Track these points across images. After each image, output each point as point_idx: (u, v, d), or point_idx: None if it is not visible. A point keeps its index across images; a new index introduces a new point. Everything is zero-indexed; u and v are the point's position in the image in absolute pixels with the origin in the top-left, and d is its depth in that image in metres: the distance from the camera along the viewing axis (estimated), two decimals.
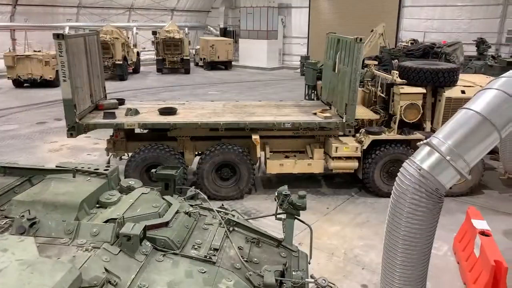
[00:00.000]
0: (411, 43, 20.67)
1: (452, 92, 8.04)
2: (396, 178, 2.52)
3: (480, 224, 5.79)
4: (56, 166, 4.03)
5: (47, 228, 2.99)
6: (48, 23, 26.34)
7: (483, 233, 5.56)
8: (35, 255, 2.47)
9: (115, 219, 3.23)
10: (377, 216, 7.63)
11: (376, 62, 10.23)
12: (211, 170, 8.06)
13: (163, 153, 7.83)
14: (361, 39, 7.46)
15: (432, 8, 26.46)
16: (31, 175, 3.88)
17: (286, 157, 8.43)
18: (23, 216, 3.12)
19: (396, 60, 13.32)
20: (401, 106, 7.98)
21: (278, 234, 4.11)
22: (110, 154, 8.34)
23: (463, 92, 8.01)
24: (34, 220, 2.99)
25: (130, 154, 8.22)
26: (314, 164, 8.22)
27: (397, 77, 8.12)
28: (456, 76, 8.11)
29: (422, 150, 2.43)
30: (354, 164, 8.16)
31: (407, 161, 2.50)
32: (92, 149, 11.24)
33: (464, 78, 8.71)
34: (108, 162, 8.16)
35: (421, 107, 8.04)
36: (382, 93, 8.88)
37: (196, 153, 8.57)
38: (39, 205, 3.38)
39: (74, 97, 7.22)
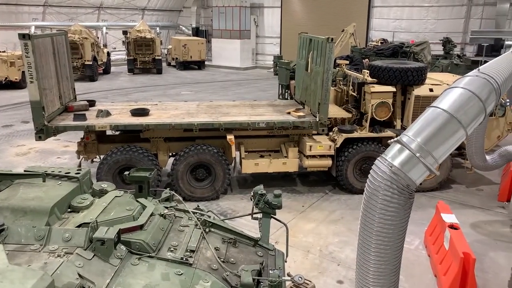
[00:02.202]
0: (380, 42, 21.17)
1: (421, 90, 8.28)
2: (369, 175, 2.59)
3: (449, 217, 6.00)
4: (25, 171, 3.89)
5: (16, 235, 2.89)
6: (13, 22, 25.40)
7: (452, 227, 5.77)
8: (4, 263, 2.39)
9: (88, 223, 3.16)
10: (351, 213, 7.78)
11: (347, 62, 10.41)
12: (186, 171, 8.00)
13: (136, 155, 7.70)
14: (332, 39, 7.57)
15: (400, 8, 27.18)
16: None
17: (261, 156, 8.47)
18: None
19: (367, 60, 13.62)
20: (372, 105, 8.16)
21: (255, 233, 4.13)
22: (81, 157, 8.14)
23: (431, 90, 8.27)
24: (3, 227, 2.89)
25: (101, 156, 8.06)
26: (289, 163, 8.29)
27: (367, 76, 8.30)
28: (424, 74, 8.36)
29: (393, 148, 2.50)
30: (328, 162, 8.29)
31: (379, 158, 2.57)
32: (61, 152, 10.93)
33: (432, 77, 8.98)
34: (79, 165, 7.98)
35: (391, 105, 8.23)
36: (354, 92, 9.05)
37: (170, 154, 8.49)
38: (7, 211, 3.26)
39: (42, 99, 7.01)
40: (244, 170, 8.36)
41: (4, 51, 20.89)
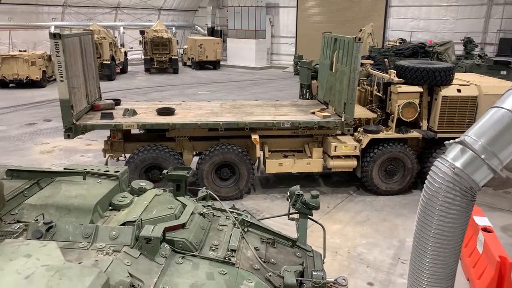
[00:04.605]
0: (399, 42, 20.92)
1: (448, 91, 8.14)
2: (428, 177, 2.54)
3: (482, 220, 5.89)
4: (65, 168, 3.93)
5: (64, 232, 2.91)
6: (33, 22, 25.81)
7: (486, 230, 5.66)
8: (61, 260, 2.40)
9: (132, 221, 3.18)
10: (377, 214, 7.69)
11: (372, 62, 10.31)
12: (210, 170, 8.01)
13: (162, 153, 7.74)
14: (360, 39, 7.50)
15: (418, 8, 26.86)
16: (39, 178, 3.77)
17: (285, 156, 8.43)
18: (37, 220, 3.05)
19: (386, 59, 13.47)
20: (398, 105, 8.06)
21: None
22: (107, 155, 8.21)
23: (459, 90, 8.13)
24: (51, 224, 2.91)
25: (127, 155, 8.12)
26: (313, 163, 8.24)
27: (394, 76, 8.20)
28: (452, 75, 8.22)
29: (454, 149, 2.44)
30: (353, 162, 8.21)
31: (438, 159, 2.51)
32: (85, 150, 11.04)
33: (458, 77, 8.84)
34: (106, 164, 8.04)
35: (418, 105, 8.12)
36: (379, 92, 8.95)
37: (194, 153, 8.51)
38: (52, 209, 3.30)
39: (71, 98, 7.08)
40: (268, 170, 8.33)
41: (25, 51, 21.24)
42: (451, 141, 2.52)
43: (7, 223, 3.13)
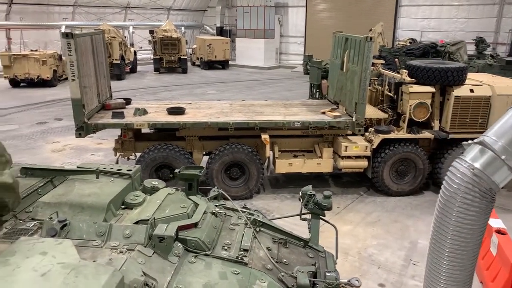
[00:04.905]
0: (409, 42, 20.75)
1: (461, 91, 8.05)
2: (446, 178, 2.50)
3: (496, 222, 5.81)
4: (78, 167, 3.95)
5: (78, 230, 2.92)
6: (44, 22, 26.07)
7: (499, 232, 5.58)
8: (76, 258, 2.41)
9: (146, 220, 3.18)
10: (388, 215, 7.63)
11: (383, 61, 10.23)
12: (220, 170, 8.01)
13: (173, 153, 7.76)
14: (371, 38, 7.45)
15: (429, 7, 26.62)
16: (53, 176, 3.79)
17: (295, 156, 8.41)
18: (51, 218, 3.06)
19: (396, 59, 13.37)
20: (410, 105, 7.98)
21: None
22: (118, 154, 8.25)
23: (471, 90, 8.03)
24: (65, 222, 2.92)
25: (138, 154, 8.15)
26: (323, 164, 8.20)
27: (406, 76, 8.12)
28: (464, 75, 8.13)
29: (472, 149, 2.41)
30: (364, 163, 8.16)
31: (457, 160, 2.47)
32: (95, 149, 11.12)
33: (471, 77, 8.73)
34: (117, 162, 8.08)
35: (430, 106, 8.04)
36: (390, 92, 8.88)
37: (204, 152, 8.52)
38: (65, 207, 3.31)
39: (82, 97, 7.12)
40: (278, 170, 8.31)
41: (36, 50, 21.46)
42: (470, 141, 2.48)
43: (22, 220, 3.15)
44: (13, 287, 2.09)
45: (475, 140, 2.43)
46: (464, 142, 2.52)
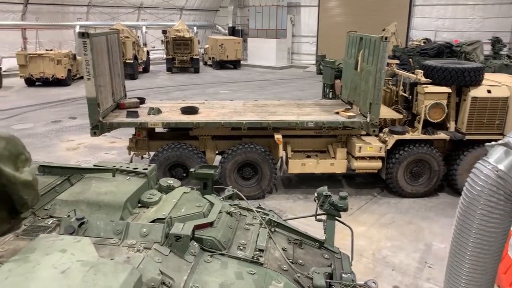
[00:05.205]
0: (423, 42, 20.52)
1: (478, 92, 7.92)
2: (468, 180, 2.45)
3: None
4: (94, 165, 3.98)
5: (96, 228, 2.93)
6: (59, 22, 26.41)
7: None
8: (95, 256, 2.42)
9: (162, 219, 3.19)
10: (402, 217, 7.55)
11: (398, 61, 10.13)
12: (233, 169, 8.01)
13: (186, 152, 7.79)
14: (386, 38, 7.38)
15: (443, 6, 26.30)
16: (70, 174, 3.83)
17: (308, 156, 8.37)
18: (69, 215, 3.09)
19: (410, 59, 13.22)
20: (425, 106, 7.89)
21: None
22: (132, 153, 8.31)
23: (489, 91, 7.90)
24: (83, 220, 2.94)
25: (151, 153, 8.20)
26: (336, 164, 8.15)
27: (421, 76, 8.03)
28: (481, 75, 8.00)
29: (496, 151, 2.35)
30: (378, 164, 8.08)
31: (480, 161, 2.42)
32: (109, 147, 11.22)
33: (488, 78, 8.59)
34: (131, 161, 8.14)
35: (445, 106, 7.93)
36: (405, 92, 8.79)
37: (217, 152, 8.53)
38: (83, 205, 3.34)
39: (98, 96, 7.19)
40: (291, 170, 8.28)
41: (51, 50, 21.74)
42: (493, 142, 2.42)
43: (40, 218, 3.18)
44: (34, 284, 2.10)
45: (499, 142, 2.38)
46: (487, 144, 2.47)
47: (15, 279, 2.12)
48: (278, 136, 7.85)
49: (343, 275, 3.27)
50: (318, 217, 4.08)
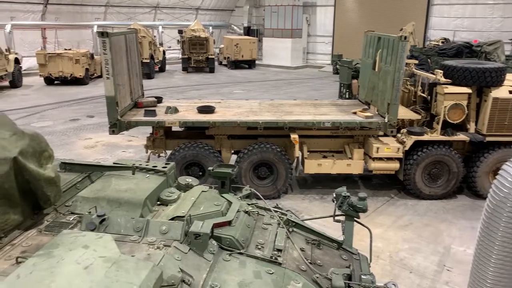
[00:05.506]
0: (442, 42, 20.22)
1: (499, 92, 7.75)
2: (495, 181, 2.40)
3: None
4: (114, 163, 4.03)
5: (116, 225, 2.96)
6: (77, 22, 26.84)
7: None
8: (116, 252, 2.44)
9: (181, 217, 3.20)
10: (420, 219, 7.45)
11: (416, 61, 9.99)
12: (248, 169, 8.01)
13: (202, 151, 7.82)
14: (405, 37, 7.28)
15: (462, 6, 25.83)
16: (90, 171, 3.88)
17: (324, 157, 8.31)
18: (90, 212, 3.13)
19: (429, 59, 13.02)
20: (445, 106, 7.76)
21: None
22: (149, 151, 8.39)
23: (510, 92, 7.72)
24: (104, 217, 2.97)
25: (168, 151, 8.26)
26: (353, 165, 8.08)
27: (441, 77, 7.90)
28: (503, 75, 7.83)
29: None
30: (396, 165, 7.98)
31: (507, 163, 2.37)
32: (126, 146, 11.35)
33: (509, 78, 8.40)
34: (148, 159, 8.21)
35: (465, 107, 7.79)
36: (423, 92, 8.66)
37: (233, 151, 8.54)
38: (103, 202, 3.37)
39: (116, 95, 7.26)
40: (307, 170, 8.24)
41: (70, 49, 22.10)
42: None
43: (62, 214, 3.23)
44: (58, 279, 2.13)
45: None
46: None
47: (40, 274, 2.16)
48: (294, 136, 7.82)
49: (362, 276, 3.23)
50: (336, 218, 4.05)
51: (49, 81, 21.18)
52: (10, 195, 2.77)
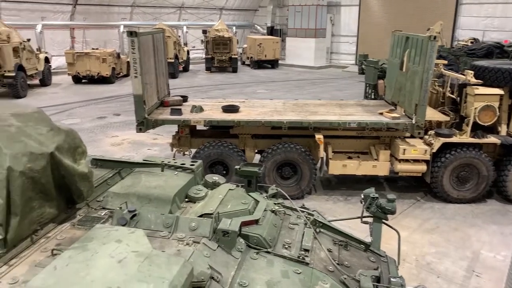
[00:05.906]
0: (471, 42, 19.67)
1: None
2: None
3: None
4: (144, 160, 4.10)
5: (147, 221, 3.01)
6: (104, 22, 27.42)
7: None
8: (148, 247, 2.48)
9: (209, 214, 3.23)
10: (447, 222, 7.28)
11: (445, 62, 9.77)
12: (272, 169, 8.01)
13: (227, 150, 7.87)
14: (435, 37, 7.13)
15: (492, 5, 25.07)
16: (120, 168, 3.95)
17: (349, 158, 8.22)
18: (121, 207, 3.18)
19: (457, 60, 12.66)
20: (475, 108, 7.56)
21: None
22: (174, 149, 8.50)
23: None
24: (135, 212, 3.02)
25: (192, 150, 8.34)
26: (379, 166, 7.96)
27: (471, 77, 7.69)
28: None
29: None
30: (422, 167, 7.82)
31: None
32: (151, 144, 11.53)
33: None
34: (174, 157, 8.31)
35: (497, 109, 7.57)
36: (452, 93, 8.46)
37: (256, 151, 8.55)
38: (133, 198, 3.43)
39: (144, 93, 7.39)
40: (331, 171, 8.17)
41: (97, 49, 22.61)
42: None
43: (93, 209, 3.31)
44: (93, 271, 2.18)
45: None
46: None
47: (75, 266, 2.21)
48: (319, 136, 7.76)
49: (391, 279, 3.18)
50: (364, 219, 4.01)
51: (77, 79, 21.73)
52: (47, 190, 2.84)
